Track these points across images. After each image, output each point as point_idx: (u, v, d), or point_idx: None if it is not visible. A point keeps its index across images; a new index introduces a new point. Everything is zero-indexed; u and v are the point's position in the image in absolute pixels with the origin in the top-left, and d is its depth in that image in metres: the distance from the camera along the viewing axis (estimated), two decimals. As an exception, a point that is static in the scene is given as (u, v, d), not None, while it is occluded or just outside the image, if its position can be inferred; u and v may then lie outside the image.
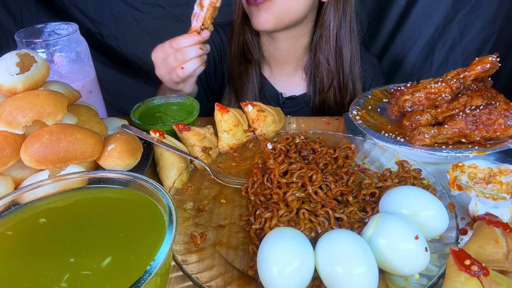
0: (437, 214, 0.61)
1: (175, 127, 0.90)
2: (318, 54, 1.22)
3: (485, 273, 0.43)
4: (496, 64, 0.89)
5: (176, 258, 0.60)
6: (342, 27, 1.17)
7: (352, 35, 1.19)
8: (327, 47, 1.19)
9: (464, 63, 1.55)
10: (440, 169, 0.83)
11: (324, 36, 1.19)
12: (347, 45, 1.19)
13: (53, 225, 0.50)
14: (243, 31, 1.23)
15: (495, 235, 0.51)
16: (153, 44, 1.62)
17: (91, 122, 0.79)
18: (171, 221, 0.45)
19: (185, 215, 0.72)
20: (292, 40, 1.21)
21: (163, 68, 1.04)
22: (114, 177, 0.55)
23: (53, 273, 0.43)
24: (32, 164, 0.66)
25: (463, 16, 1.48)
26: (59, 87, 0.79)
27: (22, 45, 0.93)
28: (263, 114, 0.97)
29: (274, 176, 0.74)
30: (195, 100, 1.03)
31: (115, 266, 0.44)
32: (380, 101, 1.05)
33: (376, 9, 1.54)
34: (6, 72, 0.68)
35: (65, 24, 1.03)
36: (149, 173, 0.87)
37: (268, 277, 0.53)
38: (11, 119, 0.65)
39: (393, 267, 0.56)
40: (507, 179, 0.71)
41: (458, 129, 0.81)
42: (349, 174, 0.77)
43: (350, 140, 0.89)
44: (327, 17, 1.16)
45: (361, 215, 0.67)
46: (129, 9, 1.58)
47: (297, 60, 1.28)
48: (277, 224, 0.66)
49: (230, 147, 0.90)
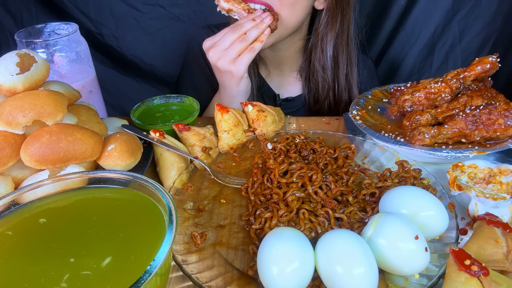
0: (437, 214, 0.61)
1: (175, 127, 0.90)
2: (313, 61, 1.21)
3: (485, 273, 0.43)
4: (496, 64, 0.89)
5: (176, 258, 0.60)
6: (339, 36, 1.16)
7: (350, 42, 1.18)
8: (323, 56, 1.18)
9: (464, 63, 1.55)
10: (440, 169, 0.83)
11: (319, 46, 1.18)
12: (343, 52, 1.18)
13: (53, 225, 0.50)
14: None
15: (495, 235, 0.51)
16: (153, 44, 1.62)
17: (91, 122, 0.79)
18: (171, 221, 0.45)
19: (185, 215, 0.72)
20: (286, 45, 1.22)
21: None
22: (114, 177, 0.55)
23: (53, 273, 0.43)
24: (32, 164, 0.66)
25: (463, 16, 1.48)
26: (59, 87, 0.79)
27: (22, 45, 0.93)
28: (263, 114, 0.97)
29: (274, 176, 0.74)
30: (195, 100, 1.03)
31: (115, 266, 0.44)
32: (380, 101, 1.05)
33: (376, 9, 1.54)
34: (6, 72, 0.68)
35: (65, 24, 1.03)
36: (149, 173, 0.87)
37: (268, 277, 0.53)
38: (11, 119, 0.65)
39: (393, 267, 0.56)
40: (507, 179, 0.71)
41: (458, 129, 0.81)
42: (349, 174, 0.77)
43: (350, 140, 0.89)
44: (323, 28, 1.15)
45: (361, 215, 0.67)
46: (129, 9, 1.58)
47: (292, 62, 1.29)
48: (277, 224, 0.66)
49: (230, 147, 0.90)
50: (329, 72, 1.20)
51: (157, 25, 1.61)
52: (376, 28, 1.57)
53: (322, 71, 1.20)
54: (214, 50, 1.01)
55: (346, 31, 1.16)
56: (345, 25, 1.15)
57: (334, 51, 1.17)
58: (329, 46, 1.16)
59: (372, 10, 1.54)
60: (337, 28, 1.14)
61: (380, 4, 1.53)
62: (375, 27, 1.57)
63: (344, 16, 1.14)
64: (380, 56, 1.62)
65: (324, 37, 1.16)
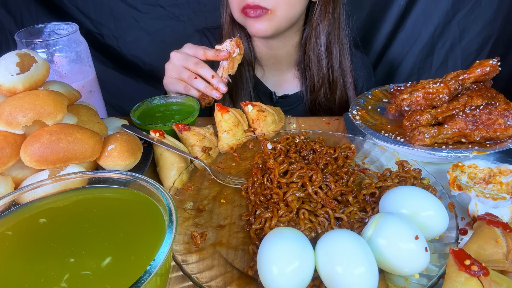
0: (437, 214, 0.61)
1: (175, 127, 0.90)
2: (308, 52, 1.23)
3: (485, 273, 0.43)
4: (496, 68, 0.89)
5: (176, 258, 0.60)
6: (331, 24, 1.19)
7: (341, 30, 1.21)
8: (317, 45, 1.21)
9: (463, 63, 1.55)
10: (440, 169, 0.83)
11: (314, 35, 1.20)
12: (335, 40, 1.21)
13: (53, 225, 0.50)
14: (232, 34, 1.23)
15: (495, 235, 0.51)
16: (153, 44, 1.62)
17: (91, 122, 0.79)
18: (171, 221, 0.45)
19: (185, 215, 0.72)
20: (284, 40, 1.23)
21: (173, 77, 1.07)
22: (114, 177, 0.55)
23: (53, 273, 0.43)
24: (32, 164, 0.66)
25: (463, 16, 1.48)
26: (59, 87, 0.79)
27: (22, 45, 0.93)
28: (263, 114, 0.97)
29: (274, 176, 0.74)
30: (195, 100, 1.03)
31: (115, 266, 0.44)
32: (380, 101, 1.05)
33: (375, 9, 1.54)
34: (6, 72, 0.68)
35: (65, 24, 1.03)
36: (149, 173, 0.87)
37: (268, 277, 0.53)
38: (11, 119, 0.65)
39: (393, 267, 0.56)
40: (507, 179, 0.71)
41: (458, 129, 0.81)
42: (349, 174, 0.77)
43: (350, 140, 0.89)
44: (317, 17, 1.18)
45: (361, 215, 0.67)
46: (129, 9, 1.58)
47: (289, 58, 1.30)
48: (277, 224, 0.66)
49: (230, 147, 0.90)
50: (323, 61, 1.22)
51: (157, 25, 1.61)
52: (376, 28, 1.57)
53: (316, 61, 1.23)
54: (172, 67, 1.06)
55: (337, 19, 1.20)
56: (336, 13, 1.19)
57: (327, 40, 1.20)
58: (323, 35, 1.19)
59: (372, 10, 1.54)
60: (329, 17, 1.17)
61: (380, 4, 1.53)
62: (375, 27, 1.57)
63: (335, 5, 1.18)
64: (380, 56, 1.62)
65: (318, 26, 1.19)
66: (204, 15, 1.58)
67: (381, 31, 1.58)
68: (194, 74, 1.01)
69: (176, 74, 1.04)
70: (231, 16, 1.20)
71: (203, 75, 1.01)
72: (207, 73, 1.01)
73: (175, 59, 1.04)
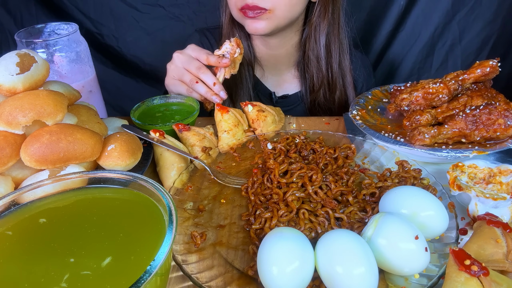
0: (437, 214, 0.61)
1: (175, 127, 0.90)
2: (307, 52, 1.23)
3: (485, 273, 0.43)
4: (496, 68, 0.89)
5: (176, 258, 0.60)
6: (331, 24, 1.19)
7: (341, 30, 1.21)
8: (316, 46, 1.21)
9: (463, 63, 1.55)
10: (440, 169, 0.83)
11: (313, 36, 1.20)
12: (335, 41, 1.21)
13: (53, 225, 0.50)
14: (232, 34, 1.23)
15: (495, 235, 0.51)
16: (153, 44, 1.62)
17: (91, 122, 0.79)
18: (171, 221, 0.45)
19: (185, 215, 0.72)
20: (283, 40, 1.23)
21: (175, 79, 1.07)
22: (114, 177, 0.55)
23: (53, 273, 0.43)
24: (32, 164, 0.66)
25: (463, 16, 1.48)
26: (59, 87, 0.79)
27: (22, 45, 0.93)
28: (263, 114, 0.97)
29: (274, 176, 0.74)
30: (195, 100, 1.03)
31: (115, 266, 0.44)
32: (380, 101, 1.05)
33: (375, 9, 1.54)
34: (6, 72, 0.68)
35: (65, 24, 1.03)
36: (149, 173, 0.87)
37: (268, 277, 0.53)
38: (11, 119, 0.65)
39: (393, 267, 0.56)
40: (507, 179, 0.71)
41: (458, 129, 0.81)
42: (349, 174, 0.77)
43: (350, 140, 0.89)
44: (317, 18, 1.18)
45: (361, 215, 0.67)
46: (129, 9, 1.58)
47: (289, 58, 1.30)
48: (277, 224, 0.66)
49: (230, 147, 0.90)
50: (323, 62, 1.22)
51: (157, 25, 1.61)
52: (376, 28, 1.57)
53: (316, 61, 1.23)
54: (174, 68, 1.05)
55: (337, 19, 1.20)
56: (335, 14, 1.19)
57: (326, 40, 1.20)
58: (322, 36, 1.19)
59: (372, 10, 1.54)
60: (329, 17, 1.17)
61: (380, 4, 1.53)
62: (375, 27, 1.57)
63: (335, 5, 1.18)
64: (380, 56, 1.62)
65: (317, 27, 1.19)
66: (204, 15, 1.58)
67: (381, 31, 1.58)
68: (196, 78, 1.01)
69: (177, 76, 1.04)
70: (230, 16, 1.20)
71: (204, 81, 1.01)
72: (209, 79, 1.00)
73: (178, 60, 1.03)
